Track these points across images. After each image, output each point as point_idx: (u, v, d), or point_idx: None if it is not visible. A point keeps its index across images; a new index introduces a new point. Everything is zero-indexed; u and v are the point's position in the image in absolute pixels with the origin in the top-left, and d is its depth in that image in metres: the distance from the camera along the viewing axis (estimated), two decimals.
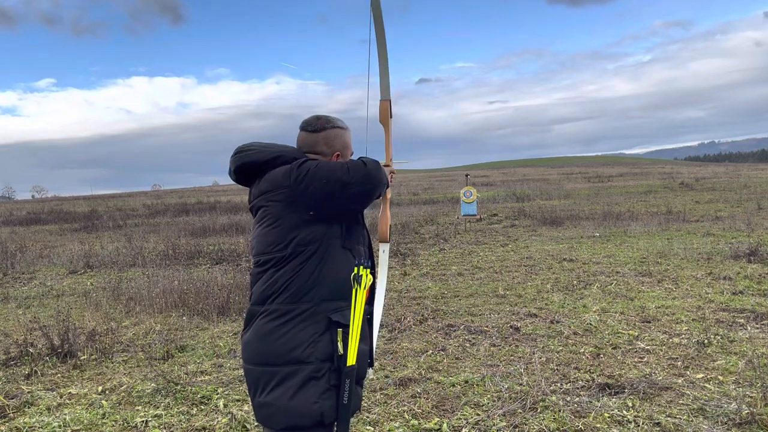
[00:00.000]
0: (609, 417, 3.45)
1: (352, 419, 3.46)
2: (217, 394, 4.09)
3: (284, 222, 1.90)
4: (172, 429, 3.60)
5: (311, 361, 1.85)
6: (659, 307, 5.91)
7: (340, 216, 1.93)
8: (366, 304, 2.06)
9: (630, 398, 3.69)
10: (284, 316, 1.88)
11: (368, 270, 1.96)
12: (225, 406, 3.88)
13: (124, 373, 4.69)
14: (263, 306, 1.92)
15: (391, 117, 2.63)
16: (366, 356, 2.04)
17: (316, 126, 2.03)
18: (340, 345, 1.87)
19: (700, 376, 4.03)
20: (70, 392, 4.29)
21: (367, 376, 2.09)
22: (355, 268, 1.93)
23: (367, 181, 1.87)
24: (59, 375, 4.71)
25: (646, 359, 4.43)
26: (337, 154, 2.04)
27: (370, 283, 1.96)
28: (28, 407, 4.02)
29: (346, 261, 1.94)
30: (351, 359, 1.87)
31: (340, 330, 1.88)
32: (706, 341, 4.72)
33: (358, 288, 1.91)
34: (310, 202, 1.85)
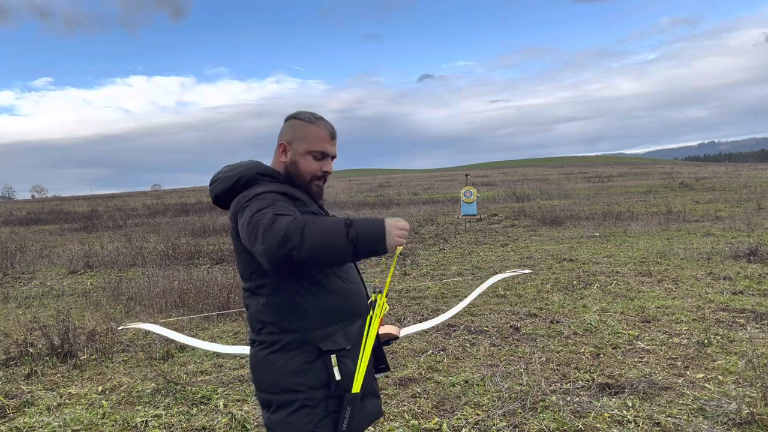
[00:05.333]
0: (609, 417, 3.45)
1: None
2: (217, 394, 4.09)
3: (242, 254, 1.83)
4: (172, 429, 3.60)
5: (302, 390, 1.79)
6: (659, 307, 5.91)
7: None
8: (363, 316, 1.95)
9: (630, 398, 3.69)
10: (273, 345, 1.82)
11: (383, 295, 1.85)
12: (225, 406, 3.88)
13: (124, 373, 4.69)
14: (254, 334, 1.88)
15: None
16: (368, 373, 1.93)
17: (288, 116, 1.96)
18: (336, 371, 1.79)
19: (700, 376, 4.03)
20: (70, 392, 4.29)
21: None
22: (372, 295, 1.85)
23: (267, 246, 1.58)
24: (59, 375, 4.71)
25: (646, 359, 4.43)
26: (282, 145, 1.92)
27: (386, 311, 1.86)
28: (28, 407, 4.02)
29: (329, 286, 1.84)
30: (356, 386, 1.79)
31: (333, 356, 1.80)
32: (706, 341, 4.72)
33: (372, 315, 1.83)
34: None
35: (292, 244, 1.54)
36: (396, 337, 2.25)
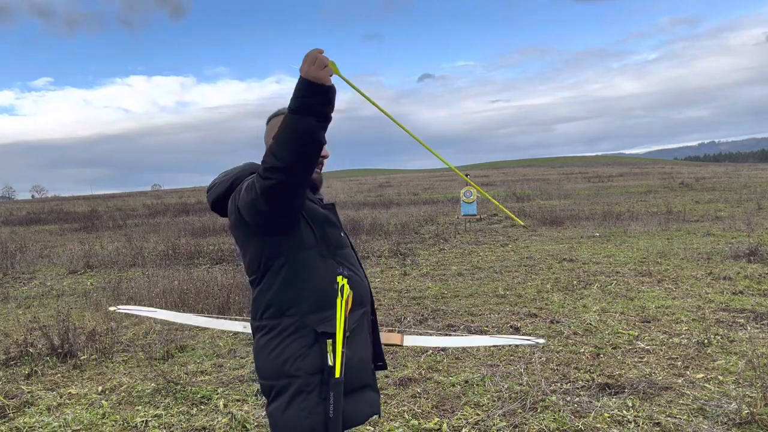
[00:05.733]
0: (609, 417, 3.45)
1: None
2: (217, 394, 4.09)
3: (249, 245, 1.88)
4: (172, 429, 3.60)
5: (299, 375, 1.81)
6: (659, 307, 5.91)
7: (292, 223, 1.83)
8: (364, 306, 1.99)
9: (630, 398, 3.69)
10: (272, 330, 1.86)
11: (347, 280, 1.88)
12: (225, 406, 3.88)
13: (124, 373, 4.69)
14: (256, 321, 1.92)
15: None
16: (367, 363, 1.98)
17: (268, 118, 2.00)
18: (330, 356, 1.82)
19: (700, 376, 4.03)
20: (70, 392, 4.29)
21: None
22: (338, 278, 1.88)
23: (267, 182, 1.67)
24: (59, 375, 4.71)
25: (646, 359, 4.43)
26: None
27: (349, 293, 1.88)
28: (28, 407, 4.02)
29: (326, 270, 1.87)
30: (337, 372, 1.82)
31: (329, 341, 1.82)
32: (706, 341, 4.72)
33: (340, 298, 1.86)
34: (250, 223, 1.81)
35: (272, 163, 1.62)
36: (399, 345, 2.24)
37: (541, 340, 3.20)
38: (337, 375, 1.82)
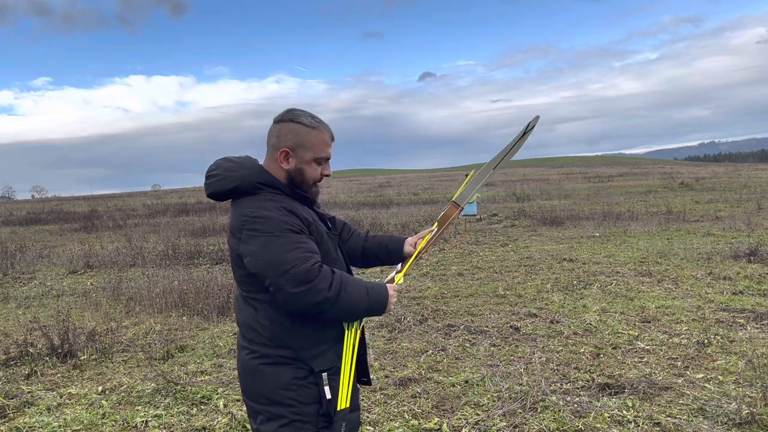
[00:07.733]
0: (609, 417, 3.45)
1: None
2: (217, 394, 4.10)
3: (240, 267, 1.81)
4: (172, 429, 3.60)
5: (293, 405, 1.78)
6: (659, 307, 5.91)
7: None
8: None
9: (630, 398, 3.69)
10: (265, 357, 1.81)
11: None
12: (225, 406, 3.89)
13: (124, 373, 4.69)
14: (245, 341, 1.87)
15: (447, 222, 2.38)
16: (353, 387, 1.92)
17: (278, 118, 1.88)
18: (327, 389, 1.79)
19: (700, 376, 4.04)
20: (70, 392, 4.29)
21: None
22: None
23: (302, 296, 1.68)
24: (59, 375, 4.71)
25: (646, 359, 4.43)
26: (284, 152, 1.84)
27: (360, 326, 1.87)
28: (28, 407, 4.02)
29: None
30: (343, 402, 1.80)
31: (324, 374, 1.80)
32: (706, 341, 4.72)
33: (348, 332, 1.84)
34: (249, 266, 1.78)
35: (326, 306, 1.71)
36: (458, 215, 2.30)
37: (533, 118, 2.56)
38: (344, 406, 1.80)
